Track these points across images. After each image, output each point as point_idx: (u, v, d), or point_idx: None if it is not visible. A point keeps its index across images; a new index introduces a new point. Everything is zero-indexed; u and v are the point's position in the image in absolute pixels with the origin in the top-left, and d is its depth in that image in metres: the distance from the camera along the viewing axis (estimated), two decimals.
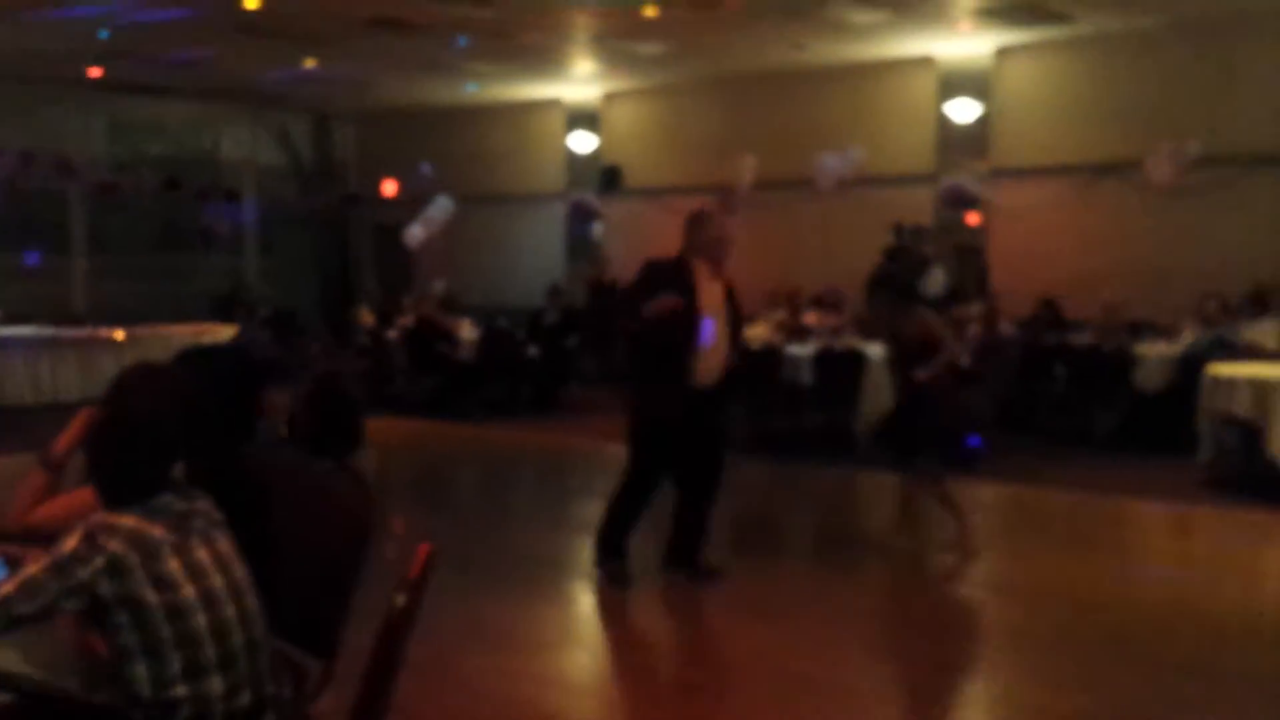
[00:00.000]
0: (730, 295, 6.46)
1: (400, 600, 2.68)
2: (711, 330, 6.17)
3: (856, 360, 10.24)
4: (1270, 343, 10.57)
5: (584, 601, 6.51)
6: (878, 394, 10.30)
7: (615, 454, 11.43)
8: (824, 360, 10.07)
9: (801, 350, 10.45)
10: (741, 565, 6.93)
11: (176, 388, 2.78)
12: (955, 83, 13.93)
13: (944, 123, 14.05)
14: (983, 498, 8.87)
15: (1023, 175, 13.59)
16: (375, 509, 3.29)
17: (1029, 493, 9.17)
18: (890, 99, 14.58)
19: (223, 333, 13.62)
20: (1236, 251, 12.03)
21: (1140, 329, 11.60)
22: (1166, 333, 11.61)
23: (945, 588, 6.70)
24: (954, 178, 13.89)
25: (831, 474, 9.87)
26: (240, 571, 2.67)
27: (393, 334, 13.99)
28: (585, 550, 7.67)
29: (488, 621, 5.83)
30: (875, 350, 10.44)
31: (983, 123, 13.86)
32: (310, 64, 14.86)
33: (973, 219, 13.51)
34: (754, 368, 10.53)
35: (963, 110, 13.90)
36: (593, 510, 8.93)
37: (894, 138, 14.22)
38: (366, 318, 15.23)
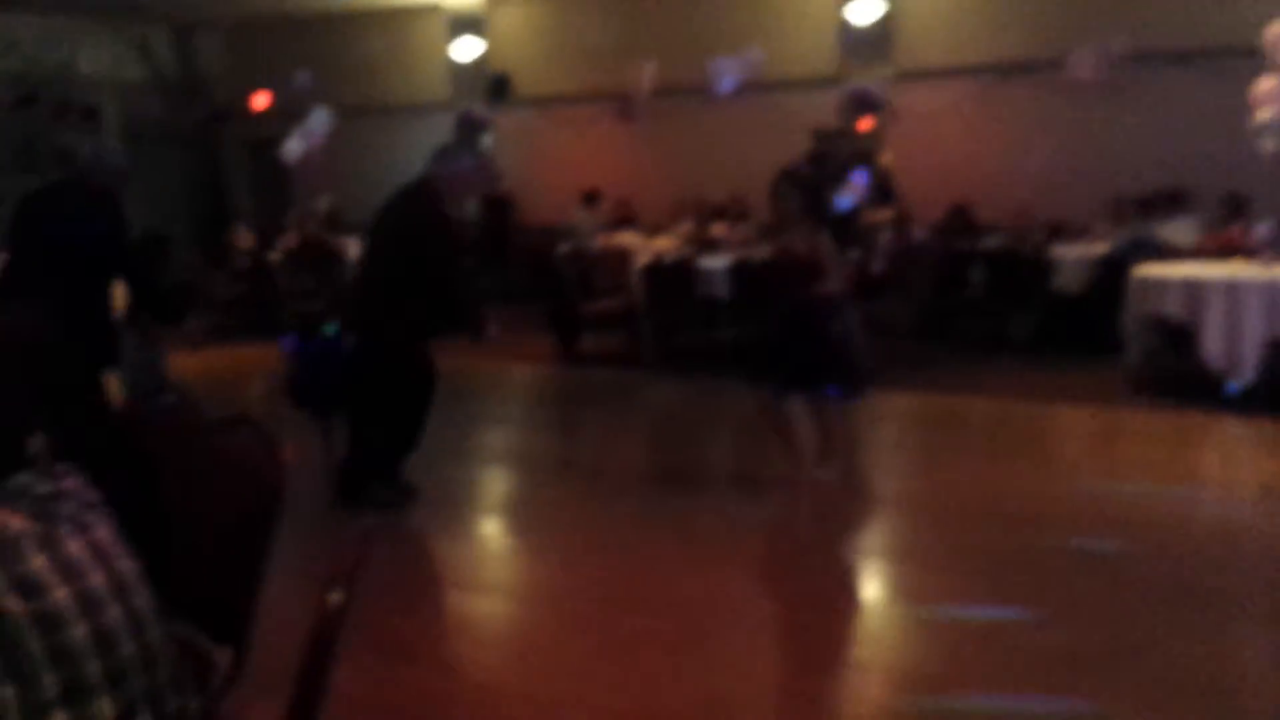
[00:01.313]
0: None
1: (335, 599, 2.12)
2: None
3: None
4: (1185, 241, 10.40)
5: (498, 541, 6.00)
6: None
7: (520, 375, 11.02)
8: (740, 272, 9.57)
9: (715, 263, 9.95)
10: (663, 494, 6.48)
11: (21, 338, 2.13)
12: None
13: (845, 24, 13.54)
14: (903, 408, 8.55)
15: (929, 77, 13.19)
16: (282, 469, 2.71)
17: (955, 401, 8.85)
18: (790, 1, 14.00)
19: None
20: (1146, 151, 11.83)
21: (1057, 231, 11.36)
22: (1080, 234, 11.42)
23: (878, 510, 6.30)
24: (857, 81, 13.42)
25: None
26: (126, 563, 2.05)
27: (274, 256, 13.11)
28: (497, 483, 7.21)
29: (402, 563, 5.29)
30: None
31: (885, 23, 13.38)
32: None
33: (865, 124, 12.99)
34: (667, 283, 10.05)
35: (865, 11, 13.40)
36: (499, 437, 8.48)
37: (795, 41, 13.69)
38: (244, 240, 14.28)
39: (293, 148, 14.04)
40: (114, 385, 5.28)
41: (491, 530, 6.31)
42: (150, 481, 2.64)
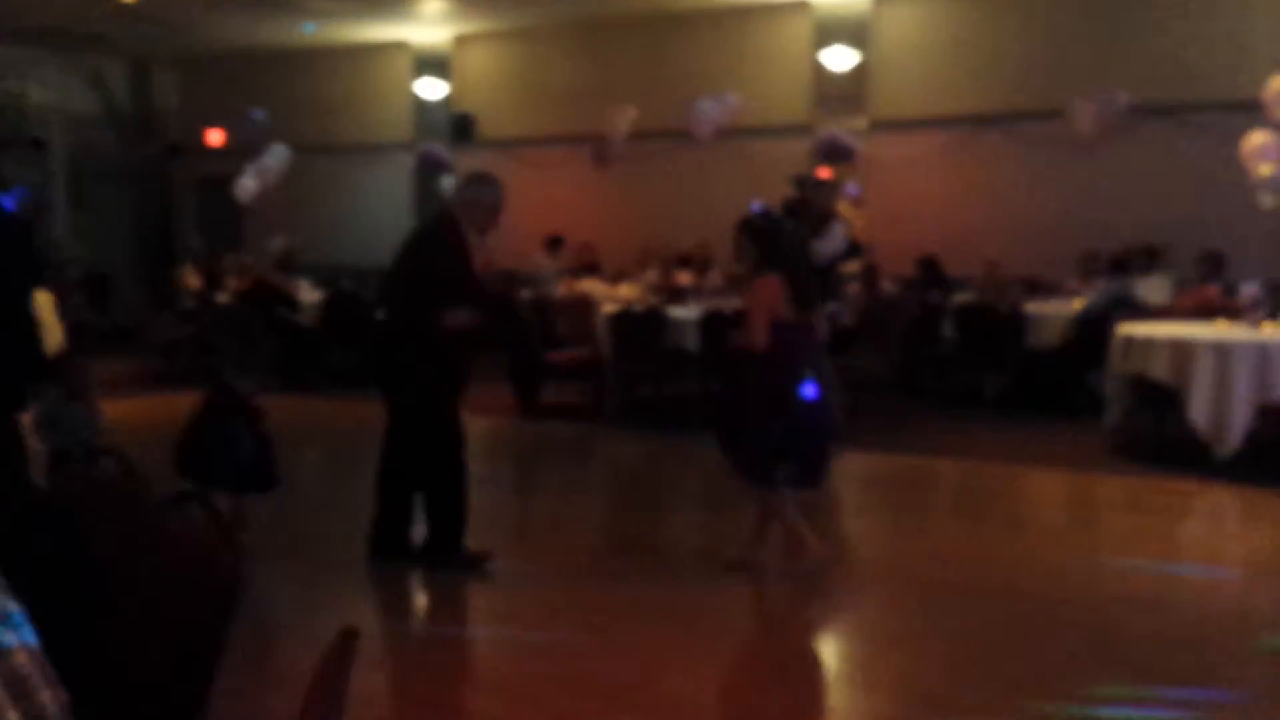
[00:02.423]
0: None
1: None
2: None
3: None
4: (1159, 298, 10.19)
5: (449, 621, 5.54)
6: None
7: (475, 428, 10.52)
8: (710, 324, 9.22)
9: (686, 313, 9.59)
10: (632, 568, 6.06)
11: None
12: (832, 29, 13.20)
13: (820, 71, 13.33)
14: (877, 469, 8.20)
15: (901, 127, 12.98)
16: (239, 555, 2.32)
17: (930, 462, 8.50)
18: (764, 46, 13.79)
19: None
20: (1120, 206, 11.67)
21: (1032, 286, 11.13)
22: (1053, 290, 11.19)
23: (859, 587, 5.90)
24: (830, 129, 13.19)
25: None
26: (47, 693, 1.61)
27: (222, 297, 12.64)
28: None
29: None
30: None
31: (860, 72, 13.17)
32: (128, 0, 13.30)
33: (824, 172, 12.67)
34: (634, 333, 9.69)
35: (839, 58, 13.18)
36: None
37: (769, 87, 13.44)
38: (191, 279, 13.78)
39: (246, 185, 13.63)
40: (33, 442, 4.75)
41: (441, 608, 5.73)
42: (85, 573, 2.25)
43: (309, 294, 12.74)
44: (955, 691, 4.34)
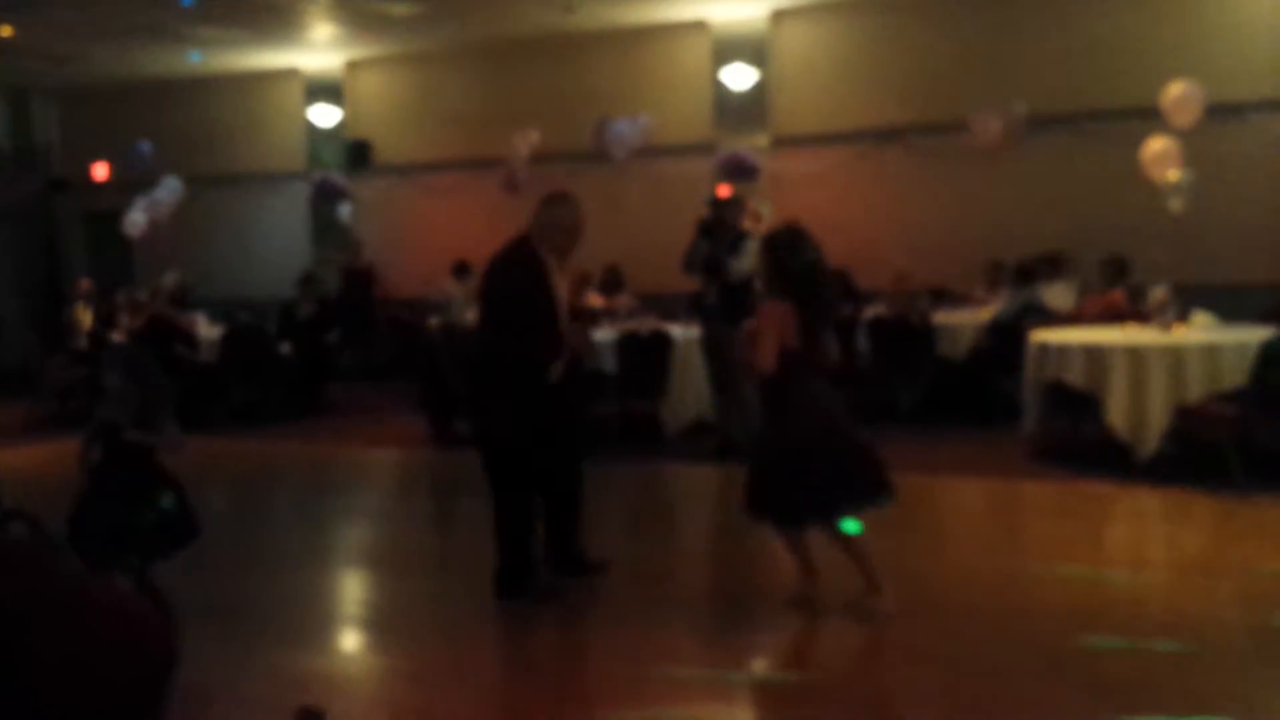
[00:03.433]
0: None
1: None
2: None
3: (663, 344, 9.33)
4: (1065, 304, 10.33)
5: (370, 663, 5.29)
6: (686, 380, 9.47)
7: (390, 462, 10.28)
8: (628, 345, 9.09)
9: (602, 336, 9.45)
10: (560, 601, 5.87)
11: None
12: (731, 48, 13.23)
13: (721, 90, 13.33)
14: None
15: (803, 143, 13.03)
16: (172, 623, 2.11)
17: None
18: (665, 66, 13.77)
19: None
20: (1022, 215, 11.85)
21: (941, 296, 11.20)
22: (961, 300, 11.29)
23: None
24: (732, 147, 13.18)
25: (639, 470, 8.92)
26: None
27: (116, 336, 12.14)
28: (364, 590, 6.41)
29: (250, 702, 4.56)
30: (680, 332, 9.59)
31: (760, 89, 13.20)
32: (4, 33, 12.77)
33: (723, 190, 12.62)
34: None
35: (739, 77, 13.21)
36: (364, 534, 7.61)
37: (671, 107, 13.38)
38: (83, 318, 13.25)
39: (136, 219, 13.18)
40: None
41: (363, 650, 5.46)
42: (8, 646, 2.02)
43: (206, 329, 12.33)
44: (904, 711, 4.25)
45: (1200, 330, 8.27)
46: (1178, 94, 9.76)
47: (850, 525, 5.25)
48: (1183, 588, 5.68)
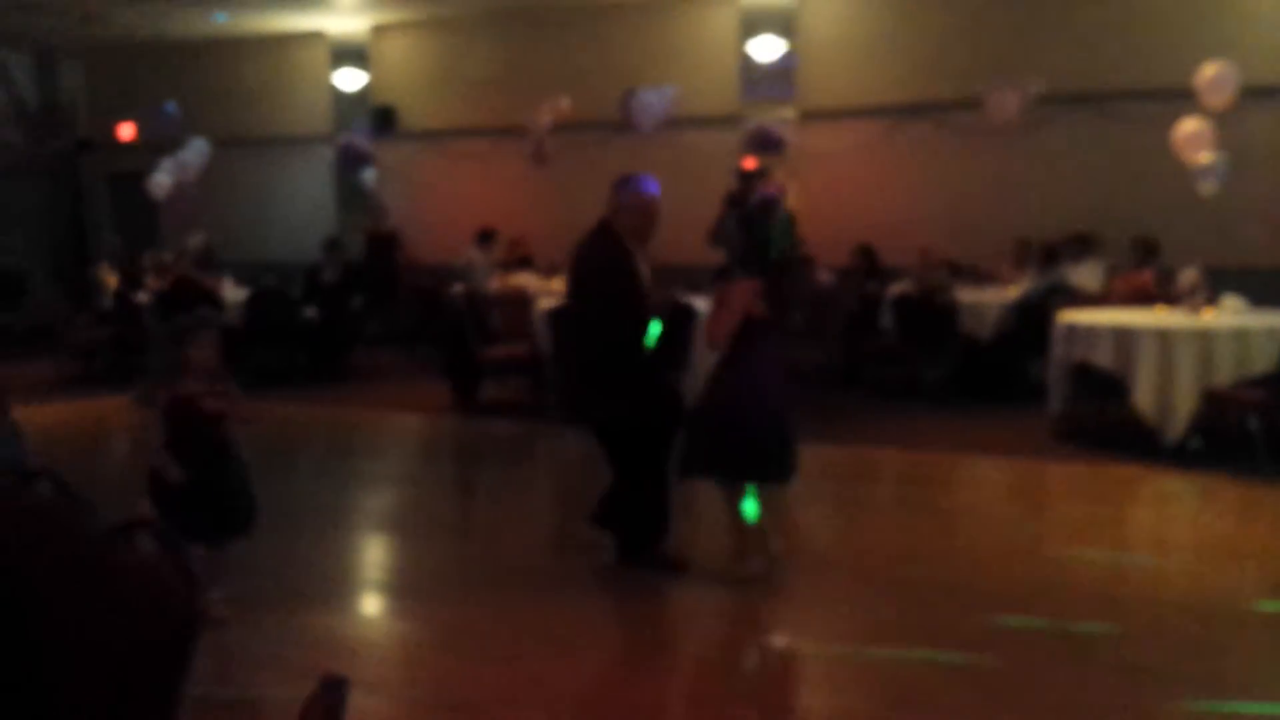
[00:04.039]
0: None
1: None
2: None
3: (686, 316, 9.29)
4: (1093, 285, 10.27)
5: (395, 628, 5.32)
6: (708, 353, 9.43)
7: (412, 427, 10.31)
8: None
9: None
10: (582, 570, 5.88)
11: None
12: (759, 19, 13.13)
13: (748, 62, 13.24)
14: (820, 461, 8.11)
15: (830, 117, 12.94)
16: (195, 588, 2.11)
17: (875, 453, 8.45)
18: (692, 37, 13.68)
19: None
20: (1051, 194, 11.76)
21: (960, 272, 11.14)
22: (987, 278, 11.22)
23: (811, 586, 5.80)
24: (758, 120, 13.10)
25: None
26: None
27: (142, 296, 12.20)
28: (388, 555, 6.45)
29: (279, 663, 4.60)
30: (703, 304, 9.54)
31: (788, 62, 13.10)
32: None
33: (749, 163, 12.55)
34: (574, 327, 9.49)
35: (767, 49, 13.11)
36: (388, 500, 7.64)
37: (697, 78, 13.29)
38: (109, 278, 13.30)
39: (161, 180, 13.16)
40: None
41: (385, 614, 5.50)
42: (18, 616, 2.01)
43: (232, 292, 12.35)
44: (930, 692, 4.26)
45: (1230, 314, 8.22)
46: (1212, 74, 9.65)
47: (749, 506, 5.42)
48: (1205, 571, 5.67)
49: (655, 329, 5.44)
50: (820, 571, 5.70)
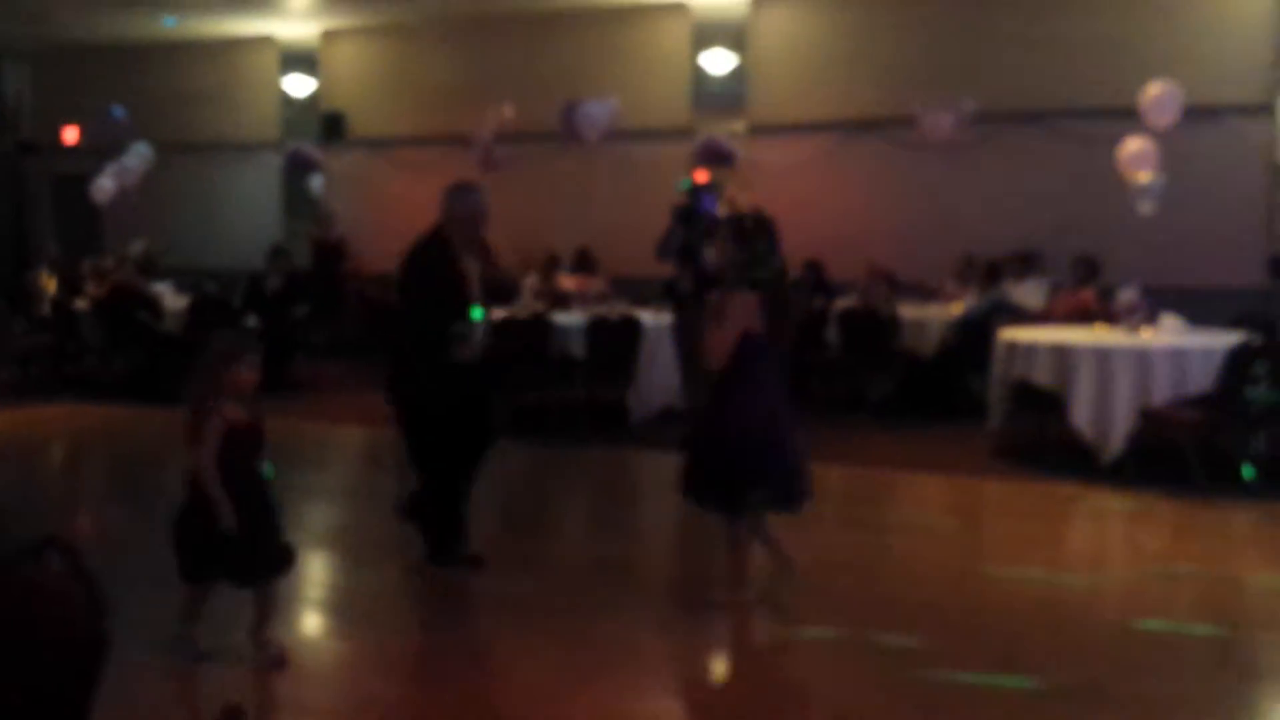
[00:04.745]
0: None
1: None
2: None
3: (632, 330, 9.28)
4: (1035, 303, 10.35)
5: (329, 646, 5.24)
6: (654, 367, 9.43)
7: (354, 439, 10.19)
8: (596, 330, 9.04)
9: (571, 320, 9.40)
10: (521, 585, 5.83)
11: None
12: (710, 32, 13.15)
13: (699, 74, 13.25)
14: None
15: (780, 131, 12.97)
16: (105, 611, 2.06)
17: (818, 469, 8.41)
18: (643, 48, 13.69)
19: None
20: (995, 212, 11.83)
21: (901, 288, 11.17)
22: (931, 295, 11.27)
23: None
24: (709, 133, 13.10)
25: (605, 455, 8.89)
26: None
27: (81, 303, 12.02)
28: (324, 572, 6.34)
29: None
30: (650, 319, 9.55)
31: (739, 75, 13.14)
32: None
33: (700, 176, 12.35)
34: (518, 339, 9.45)
35: (718, 61, 13.14)
36: (326, 514, 7.50)
37: (648, 90, 13.30)
38: (48, 284, 13.09)
39: (104, 185, 12.99)
40: None
41: (320, 632, 5.40)
42: None
43: (173, 299, 12.20)
44: (874, 709, 4.24)
45: (1168, 333, 8.30)
46: (1156, 94, 9.75)
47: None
48: (1138, 590, 5.69)
49: (477, 314, 5.60)
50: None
